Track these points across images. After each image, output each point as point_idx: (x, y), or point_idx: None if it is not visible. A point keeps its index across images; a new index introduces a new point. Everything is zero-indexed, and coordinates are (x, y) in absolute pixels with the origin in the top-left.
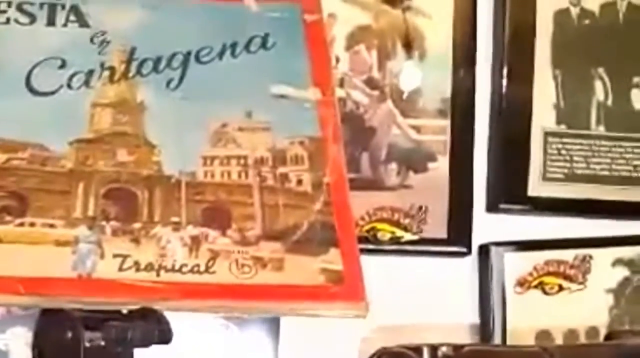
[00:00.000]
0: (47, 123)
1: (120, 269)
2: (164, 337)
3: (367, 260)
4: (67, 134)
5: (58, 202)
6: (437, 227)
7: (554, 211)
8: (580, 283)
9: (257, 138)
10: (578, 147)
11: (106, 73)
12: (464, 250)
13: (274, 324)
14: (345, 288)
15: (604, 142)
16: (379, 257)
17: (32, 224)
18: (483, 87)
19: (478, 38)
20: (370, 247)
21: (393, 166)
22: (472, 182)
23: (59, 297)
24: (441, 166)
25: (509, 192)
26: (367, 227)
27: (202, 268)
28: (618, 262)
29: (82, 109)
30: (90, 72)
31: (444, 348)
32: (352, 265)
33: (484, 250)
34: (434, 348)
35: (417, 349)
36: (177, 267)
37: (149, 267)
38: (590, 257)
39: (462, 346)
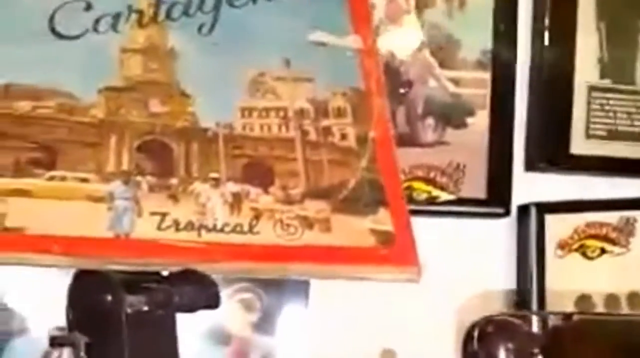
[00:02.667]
0: (73, 69)
1: (159, 228)
2: (212, 301)
3: None
4: (95, 81)
5: (89, 155)
6: (475, 186)
7: (597, 170)
8: (623, 246)
9: (297, 88)
10: (622, 103)
11: (134, 16)
12: (503, 211)
13: (303, 287)
14: (397, 250)
15: None
16: (414, 217)
17: (63, 178)
18: (524, 39)
19: None
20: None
21: (430, 121)
22: (512, 139)
23: (95, 257)
24: (480, 121)
25: (550, 150)
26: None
27: (246, 228)
28: None
29: (110, 55)
30: (118, 15)
31: (553, 318)
32: (403, 226)
33: (524, 211)
34: (543, 318)
35: (525, 318)
36: (219, 227)
37: (190, 226)
38: (635, 219)
39: (571, 315)
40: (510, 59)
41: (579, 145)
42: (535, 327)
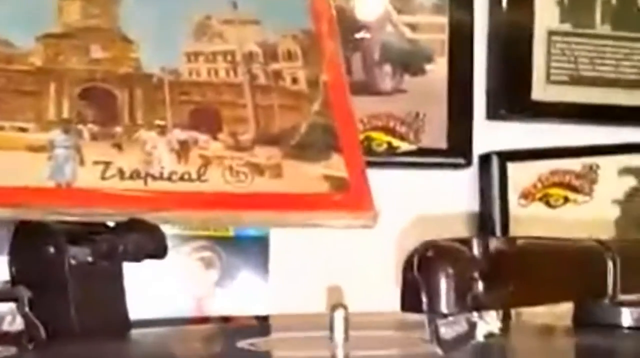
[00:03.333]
0: (10, 17)
1: (103, 177)
2: (159, 250)
3: None
4: (33, 28)
5: (28, 104)
6: (435, 136)
7: (559, 117)
8: (587, 194)
9: (245, 31)
10: (583, 47)
11: None
12: (464, 161)
13: (262, 243)
14: (351, 196)
15: (609, 42)
16: (373, 169)
17: (1, 128)
18: None
19: None
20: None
21: (387, 68)
22: (472, 86)
23: (37, 207)
24: (439, 68)
25: (511, 97)
26: (361, 137)
27: (194, 175)
28: (625, 171)
29: (48, 1)
30: None
31: (495, 241)
32: (357, 172)
33: (485, 160)
34: (484, 241)
35: (467, 242)
36: (165, 175)
37: (135, 175)
38: (598, 166)
39: (515, 239)
40: (468, 1)
41: (540, 92)
42: (476, 252)
